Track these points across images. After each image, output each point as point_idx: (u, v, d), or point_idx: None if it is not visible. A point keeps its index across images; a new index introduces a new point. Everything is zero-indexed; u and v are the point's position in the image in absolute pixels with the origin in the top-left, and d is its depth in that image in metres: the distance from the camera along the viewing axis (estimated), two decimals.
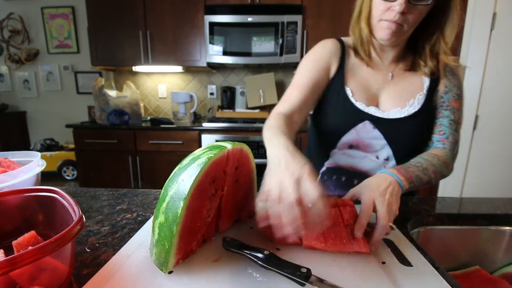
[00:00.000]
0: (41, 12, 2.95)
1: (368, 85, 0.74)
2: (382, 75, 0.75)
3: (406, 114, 0.71)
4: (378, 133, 0.71)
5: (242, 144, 0.49)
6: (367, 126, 0.72)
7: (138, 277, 0.39)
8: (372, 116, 0.71)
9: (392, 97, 0.73)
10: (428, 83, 0.73)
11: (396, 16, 0.61)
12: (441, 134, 0.71)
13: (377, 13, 0.64)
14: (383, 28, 0.64)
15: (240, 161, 0.50)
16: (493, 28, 1.98)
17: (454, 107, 0.72)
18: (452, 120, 0.71)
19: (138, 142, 2.25)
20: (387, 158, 0.73)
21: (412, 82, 0.73)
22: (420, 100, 0.71)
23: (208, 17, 2.22)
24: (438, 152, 0.67)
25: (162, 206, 0.40)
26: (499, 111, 2.07)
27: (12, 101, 3.19)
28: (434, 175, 0.61)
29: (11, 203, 0.43)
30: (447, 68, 0.74)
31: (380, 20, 0.64)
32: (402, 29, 0.64)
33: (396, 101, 0.72)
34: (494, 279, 0.62)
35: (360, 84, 0.74)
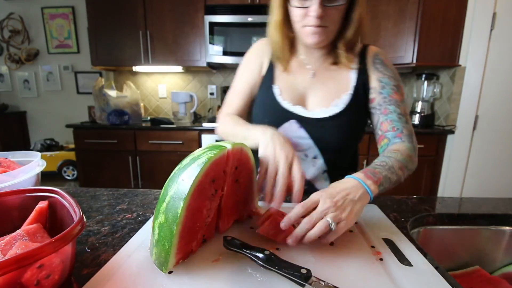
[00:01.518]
0: (41, 12, 2.95)
1: (295, 84, 0.74)
2: (307, 74, 0.75)
3: (330, 114, 0.70)
4: (304, 133, 0.72)
5: (242, 144, 0.50)
6: (293, 125, 0.72)
7: (138, 277, 0.39)
8: (297, 116, 0.72)
9: (318, 97, 0.73)
10: (354, 80, 0.72)
11: (316, 21, 0.61)
12: (395, 130, 0.68)
13: (297, 19, 0.65)
14: (308, 34, 0.65)
15: (240, 161, 0.50)
16: (493, 28, 1.98)
17: (397, 99, 0.70)
18: (399, 113, 0.69)
19: (138, 142, 2.25)
20: (315, 156, 0.73)
21: (338, 79, 0.73)
22: (345, 100, 0.71)
23: (208, 17, 2.22)
24: (399, 147, 0.64)
25: (162, 206, 0.40)
26: (499, 111, 2.07)
27: (12, 101, 3.19)
28: (401, 172, 0.58)
29: (11, 203, 0.43)
30: (376, 61, 0.72)
31: (302, 26, 0.65)
32: (328, 30, 0.64)
33: (322, 101, 0.72)
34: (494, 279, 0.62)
35: (288, 83, 0.74)
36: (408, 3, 2.06)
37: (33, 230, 0.38)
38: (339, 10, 0.62)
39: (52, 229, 0.41)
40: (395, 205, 0.68)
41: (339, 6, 0.61)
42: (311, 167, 0.74)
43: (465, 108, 2.12)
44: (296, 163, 0.51)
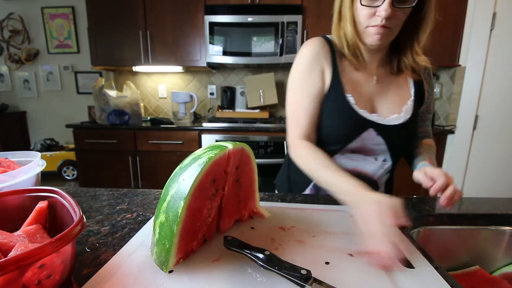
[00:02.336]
0: (41, 12, 2.95)
1: (363, 91, 0.72)
2: (370, 79, 0.74)
3: (402, 120, 0.72)
4: (381, 140, 0.72)
5: (243, 144, 0.50)
6: (371, 134, 0.71)
7: (139, 276, 0.39)
8: (375, 124, 0.70)
9: (387, 103, 0.73)
10: (413, 87, 0.75)
11: (383, 21, 0.60)
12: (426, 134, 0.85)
13: (362, 19, 0.63)
14: (371, 34, 0.64)
15: (241, 161, 0.50)
16: (493, 28, 1.98)
17: (431, 109, 0.83)
18: (430, 120, 0.84)
19: (138, 142, 2.25)
20: (385, 159, 0.76)
21: (399, 85, 0.75)
22: (411, 106, 0.74)
23: (208, 17, 2.22)
24: (428, 141, 0.81)
25: (163, 206, 0.40)
26: (499, 111, 2.07)
27: (12, 101, 3.19)
28: None
29: (11, 203, 0.43)
30: (425, 71, 0.76)
31: (367, 26, 0.64)
32: (391, 32, 0.64)
33: (392, 107, 0.73)
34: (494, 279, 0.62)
35: (357, 91, 0.71)
36: None
37: (32, 230, 0.38)
38: (405, 13, 0.62)
39: (52, 229, 0.41)
40: None
41: (407, 9, 0.61)
42: (380, 169, 0.76)
43: (465, 108, 2.12)
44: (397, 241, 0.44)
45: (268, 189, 0.86)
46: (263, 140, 2.14)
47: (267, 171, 2.09)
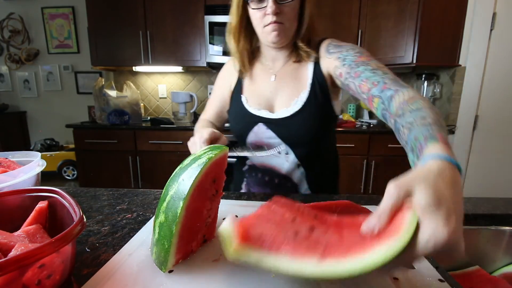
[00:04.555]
0: (41, 12, 2.95)
1: (260, 90, 0.82)
2: (269, 78, 0.82)
3: (290, 113, 0.76)
4: (271, 133, 0.79)
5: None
6: (260, 128, 0.80)
7: (139, 276, 0.39)
8: (263, 118, 0.79)
9: (282, 98, 0.79)
10: (311, 76, 0.77)
11: (273, 17, 0.67)
12: (377, 84, 0.58)
13: (257, 22, 0.72)
14: (268, 32, 0.71)
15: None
16: (493, 28, 1.98)
17: (363, 60, 0.65)
18: (372, 69, 0.62)
19: (138, 142, 2.25)
20: (287, 152, 0.80)
21: (298, 78, 0.79)
22: (303, 97, 0.76)
23: (208, 17, 2.22)
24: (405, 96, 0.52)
25: (163, 206, 0.40)
26: (499, 111, 2.07)
27: (12, 101, 3.19)
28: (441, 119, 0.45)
29: (11, 203, 0.43)
30: (329, 48, 0.75)
31: (264, 26, 0.71)
32: (285, 27, 0.70)
33: (285, 101, 0.79)
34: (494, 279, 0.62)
35: (253, 91, 0.82)
36: (408, 3, 2.06)
37: (32, 230, 0.39)
38: (292, 8, 0.69)
39: (52, 229, 0.41)
40: None
41: (291, 4, 0.68)
42: (286, 162, 0.80)
43: (465, 108, 2.12)
44: None
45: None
46: None
47: None
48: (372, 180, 2.18)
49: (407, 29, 2.09)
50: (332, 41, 0.77)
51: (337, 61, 0.71)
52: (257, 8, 0.69)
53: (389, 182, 0.32)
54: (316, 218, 0.37)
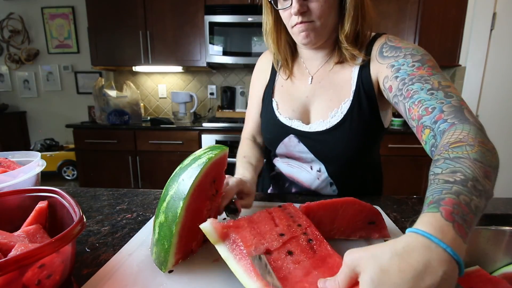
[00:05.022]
0: (41, 12, 2.95)
1: (294, 94, 0.71)
2: (306, 81, 0.72)
3: (327, 127, 0.66)
4: (304, 147, 0.69)
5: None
6: (292, 140, 0.70)
7: (139, 276, 0.39)
8: (295, 130, 0.69)
9: (319, 106, 0.69)
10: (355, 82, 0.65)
11: (299, 18, 0.59)
12: (431, 112, 0.47)
13: (286, 22, 0.64)
14: (297, 34, 0.62)
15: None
16: (493, 28, 1.98)
17: (422, 74, 0.52)
18: (429, 89, 0.49)
19: (138, 142, 2.25)
20: (319, 169, 0.71)
21: (340, 84, 0.67)
22: (344, 109, 0.65)
23: (208, 17, 2.22)
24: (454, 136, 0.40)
25: (163, 206, 0.40)
26: (499, 111, 2.07)
27: (12, 101, 3.19)
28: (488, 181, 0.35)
29: (11, 203, 0.43)
30: (384, 48, 0.61)
31: (291, 27, 0.63)
32: (316, 25, 0.60)
33: (322, 111, 0.68)
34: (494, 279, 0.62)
35: (286, 95, 0.72)
36: (408, 3, 2.06)
37: (32, 230, 0.39)
38: (321, 3, 0.57)
39: (52, 229, 0.41)
40: (395, 205, 0.68)
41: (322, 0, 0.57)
42: (316, 180, 0.72)
43: None
44: None
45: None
46: None
47: None
48: None
49: (407, 29, 2.09)
50: (389, 40, 0.61)
51: (389, 70, 0.57)
52: (283, 8, 0.61)
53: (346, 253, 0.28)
54: (307, 243, 0.39)
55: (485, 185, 0.32)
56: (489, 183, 0.34)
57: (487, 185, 0.33)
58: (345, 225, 0.48)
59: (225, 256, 0.36)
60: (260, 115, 0.79)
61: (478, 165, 0.34)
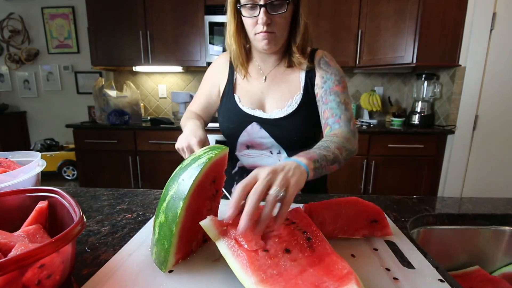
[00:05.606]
0: (41, 12, 2.95)
1: (252, 90, 0.83)
2: (261, 79, 0.83)
3: (285, 114, 0.78)
4: (265, 133, 0.80)
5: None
6: (254, 127, 0.81)
7: (139, 276, 0.39)
8: (257, 118, 0.80)
9: (274, 99, 0.81)
10: (304, 81, 0.80)
11: (264, 27, 0.69)
12: (334, 116, 0.74)
13: (249, 28, 0.73)
14: (260, 40, 0.72)
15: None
16: (493, 28, 1.98)
17: (337, 91, 0.77)
18: (339, 102, 0.75)
19: (138, 142, 2.25)
20: (279, 152, 0.82)
21: (291, 81, 0.81)
22: (297, 99, 0.79)
23: (208, 17, 2.22)
24: (336, 132, 0.70)
25: (163, 206, 0.40)
26: (499, 111, 2.07)
27: (12, 101, 3.19)
28: (338, 151, 0.60)
29: (11, 203, 0.43)
30: (321, 62, 0.80)
31: (255, 34, 0.72)
32: (276, 36, 0.72)
33: (278, 102, 0.81)
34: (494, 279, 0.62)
35: (246, 90, 0.84)
36: (408, 3, 2.06)
37: (32, 230, 0.39)
38: (283, 18, 0.70)
39: (52, 229, 0.41)
40: (395, 205, 0.68)
41: (283, 14, 0.69)
42: (278, 162, 0.81)
43: (465, 108, 2.12)
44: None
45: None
46: None
47: None
48: (372, 180, 2.18)
49: (407, 29, 2.09)
50: (325, 56, 0.81)
51: (320, 79, 0.78)
52: (249, 16, 0.70)
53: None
54: (306, 241, 0.40)
55: (334, 150, 0.59)
56: (337, 152, 0.60)
57: (336, 151, 0.59)
58: (348, 224, 0.49)
59: (224, 253, 0.37)
60: (218, 110, 0.90)
61: (334, 144, 0.61)
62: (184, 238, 0.40)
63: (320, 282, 0.33)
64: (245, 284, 0.33)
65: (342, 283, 0.32)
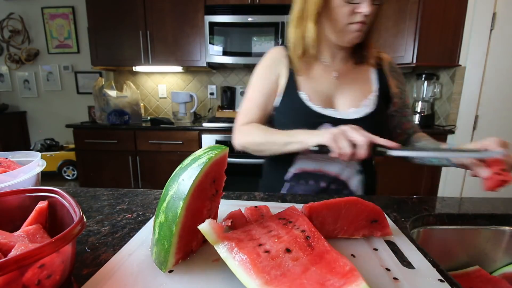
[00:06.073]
0: (41, 12, 2.95)
1: (320, 87, 0.75)
2: (329, 75, 0.77)
3: (362, 115, 0.72)
4: None
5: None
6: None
7: (139, 276, 0.39)
8: (330, 118, 0.72)
9: (346, 98, 0.74)
10: (376, 82, 0.77)
11: (363, 17, 0.64)
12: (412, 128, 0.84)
13: (343, 17, 0.65)
14: (352, 32, 0.66)
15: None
16: (493, 28, 1.98)
17: (408, 103, 0.83)
18: (411, 115, 0.85)
19: (138, 142, 2.25)
20: None
21: (362, 80, 0.77)
22: (373, 100, 0.74)
23: (208, 17, 2.22)
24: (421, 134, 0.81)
25: (163, 206, 0.40)
26: (499, 111, 2.07)
27: (12, 101, 3.19)
28: None
29: (11, 203, 0.43)
30: (392, 68, 0.79)
31: (347, 24, 0.66)
32: (365, 28, 0.68)
33: (351, 102, 0.74)
34: (494, 279, 0.62)
35: (313, 88, 0.75)
36: (408, 3, 2.06)
37: (32, 230, 0.38)
38: (376, 10, 0.66)
39: (52, 229, 0.41)
40: (395, 205, 0.68)
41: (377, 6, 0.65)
42: (345, 168, 0.75)
43: (465, 108, 2.12)
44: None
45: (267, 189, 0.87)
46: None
47: None
48: None
49: (407, 29, 2.09)
50: (392, 63, 0.81)
51: (397, 89, 0.78)
52: (350, 2, 0.62)
53: None
54: (305, 240, 0.39)
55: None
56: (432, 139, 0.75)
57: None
58: (348, 224, 0.49)
59: (224, 256, 0.36)
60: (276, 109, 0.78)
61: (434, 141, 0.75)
62: (184, 238, 0.40)
63: (324, 280, 0.33)
64: (249, 287, 0.33)
65: (348, 280, 0.32)
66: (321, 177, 0.77)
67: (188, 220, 0.40)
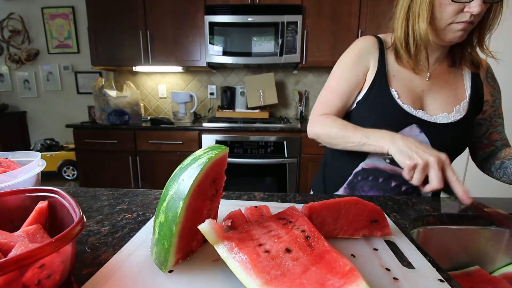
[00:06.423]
0: (41, 12, 2.95)
1: (412, 86, 0.72)
2: (423, 75, 0.73)
3: (452, 120, 0.70)
4: (424, 137, 0.70)
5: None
6: (414, 130, 0.70)
7: (139, 276, 0.39)
8: (420, 120, 0.69)
9: (438, 100, 0.71)
10: (470, 88, 0.73)
11: (472, 17, 0.59)
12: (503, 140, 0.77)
13: (447, 16, 0.62)
14: (455, 31, 0.62)
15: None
16: None
17: (501, 112, 0.77)
18: (503, 126, 0.78)
19: (138, 142, 2.25)
20: None
21: (455, 85, 0.73)
22: (465, 107, 0.71)
23: (208, 17, 2.22)
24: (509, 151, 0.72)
25: (163, 206, 0.40)
26: None
27: (12, 101, 3.19)
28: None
29: (11, 203, 0.43)
30: (488, 74, 0.76)
31: (451, 23, 0.62)
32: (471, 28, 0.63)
33: (443, 105, 0.71)
34: (494, 279, 0.62)
35: (404, 86, 0.71)
36: None
37: (32, 230, 0.38)
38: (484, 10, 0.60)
39: (52, 229, 0.41)
40: (395, 205, 0.68)
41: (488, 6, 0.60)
42: None
43: None
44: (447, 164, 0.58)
45: (268, 189, 0.87)
46: (263, 140, 2.14)
47: (267, 171, 2.09)
48: None
49: None
50: (490, 68, 0.77)
51: (490, 96, 0.74)
52: (458, 1, 0.59)
53: None
54: (305, 240, 0.39)
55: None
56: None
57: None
58: (348, 224, 0.49)
59: (224, 256, 0.36)
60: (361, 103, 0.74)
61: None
62: (184, 238, 0.40)
63: (324, 280, 0.33)
64: (249, 287, 0.33)
65: (348, 280, 0.32)
66: (393, 176, 0.74)
67: (188, 220, 0.40)
